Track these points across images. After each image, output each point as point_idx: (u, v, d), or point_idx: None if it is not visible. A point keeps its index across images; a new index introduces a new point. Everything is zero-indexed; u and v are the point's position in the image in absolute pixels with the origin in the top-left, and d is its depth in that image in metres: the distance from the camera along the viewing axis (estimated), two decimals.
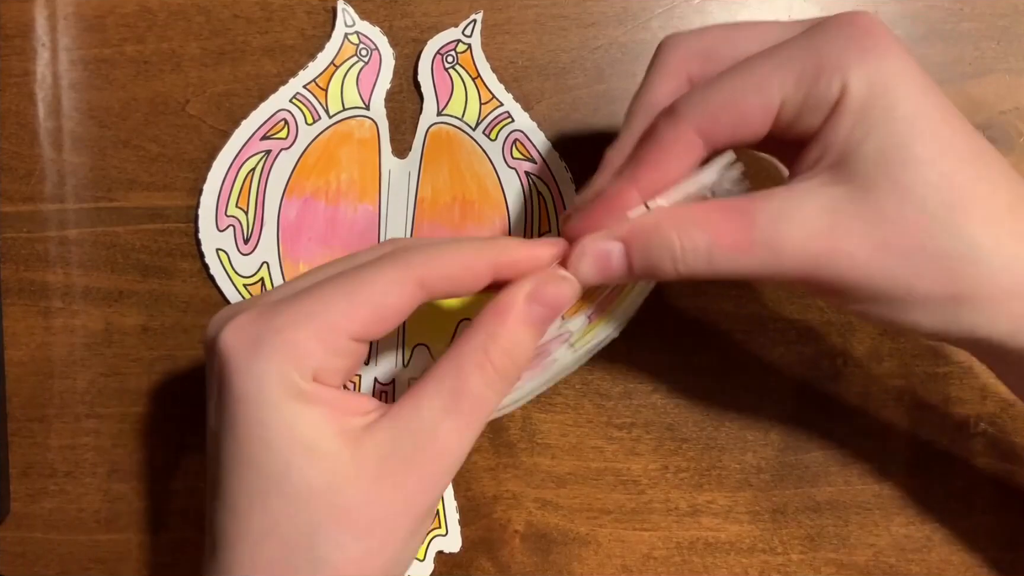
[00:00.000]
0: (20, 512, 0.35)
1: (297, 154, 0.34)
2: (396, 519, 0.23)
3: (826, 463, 0.34)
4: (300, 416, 0.22)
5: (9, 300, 0.34)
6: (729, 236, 0.23)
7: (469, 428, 0.23)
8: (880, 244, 0.23)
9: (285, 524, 0.22)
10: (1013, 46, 0.34)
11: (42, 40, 0.34)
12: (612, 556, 0.34)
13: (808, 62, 0.23)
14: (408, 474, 0.23)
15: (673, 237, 0.24)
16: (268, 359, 0.22)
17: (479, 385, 0.23)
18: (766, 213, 0.23)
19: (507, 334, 0.24)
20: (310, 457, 0.22)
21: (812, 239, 0.23)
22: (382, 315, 0.23)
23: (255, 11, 0.34)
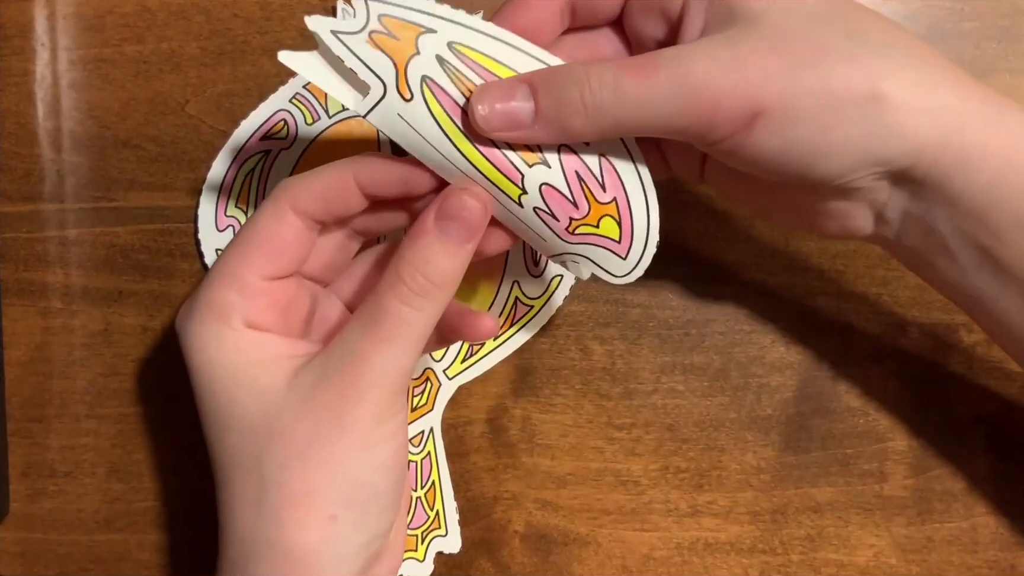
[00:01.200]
0: (20, 512, 0.35)
1: (297, 154, 0.34)
2: (329, 433, 0.24)
3: (826, 463, 0.34)
4: (238, 362, 0.25)
5: (9, 300, 0.34)
6: (635, 66, 0.24)
7: (389, 343, 0.24)
8: (788, 56, 0.23)
9: (239, 456, 0.25)
10: (1014, 46, 0.34)
11: (42, 40, 0.34)
12: (612, 557, 0.34)
13: None
14: (332, 390, 0.24)
15: (579, 68, 0.24)
16: (199, 322, 0.25)
17: (393, 303, 0.24)
18: (668, 51, 0.24)
19: (416, 251, 0.24)
20: (251, 392, 0.25)
21: (719, 61, 0.23)
22: (275, 247, 0.25)
23: (255, 11, 0.34)
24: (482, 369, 0.34)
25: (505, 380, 0.34)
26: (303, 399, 0.24)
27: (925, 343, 0.34)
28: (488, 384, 0.34)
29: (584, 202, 0.26)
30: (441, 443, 0.34)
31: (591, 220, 0.26)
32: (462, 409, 0.34)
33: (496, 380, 0.34)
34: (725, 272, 0.34)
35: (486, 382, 0.34)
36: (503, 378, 0.34)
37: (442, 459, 0.34)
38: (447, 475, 0.34)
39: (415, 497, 0.34)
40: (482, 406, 0.34)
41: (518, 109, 0.24)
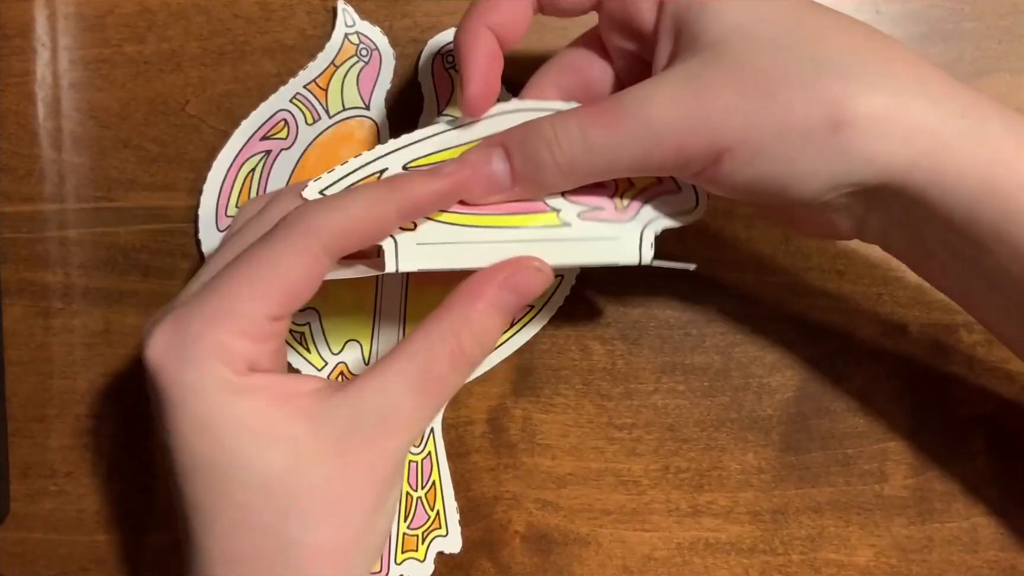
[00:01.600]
0: (20, 512, 0.35)
1: (297, 154, 0.34)
2: (362, 492, 0.23)
3: (826, 463, 0.34)
4: (245, 410, 0.22)
5: (9, 300, 0.34)
6: (600, 115, 0.24)
7: (431, 408, 0.24)
8: (748, 89, 0.22)
9: (252, 514, 0.22)
10: (1014, 46, 0.34)
11: (42, 40, 0.34)
12: (613, 557, 0.34)
13: None
14: (371, 449, 0.23)
15: (546, 127, 0.24)
16: (198, 367, 0.22)
17: (447, 370, 0.23)
18: (631, 93, 0.24)
19: (479, 319, 0.24)
20: (266, 444, 0.22)
21: (680, 101, 0.23)
22: (294, 290, 0.23)
23: (255, 11, 0.34)
24: (482, 369, 0.34)
25: (505, 380, 0.34)
26: (337, 454, 0.22)
27: (925, 343, 0.34)
28: (488, 384, 0.34)
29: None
30: (441, 443, 0.34)
31: (624, 186, 0.27)
32: (462, 409, 0.34)
33: (496, 380, 0.34)
34: (725, 272, 0.34)
35: (486, 382, 0.34)
36: (503, 378, 0.34)
37: (442, 459, 0.34)
38: (447, 475, 0.34)
39: (415, 497, 0.34)
40: (482, 406, 0.34)
41: (496, 173, 0.25)
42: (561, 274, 0.34)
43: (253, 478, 0.22)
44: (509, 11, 0.26)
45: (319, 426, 0.22)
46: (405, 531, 0.33)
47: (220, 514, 0.22)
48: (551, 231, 0.26)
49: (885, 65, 0.22)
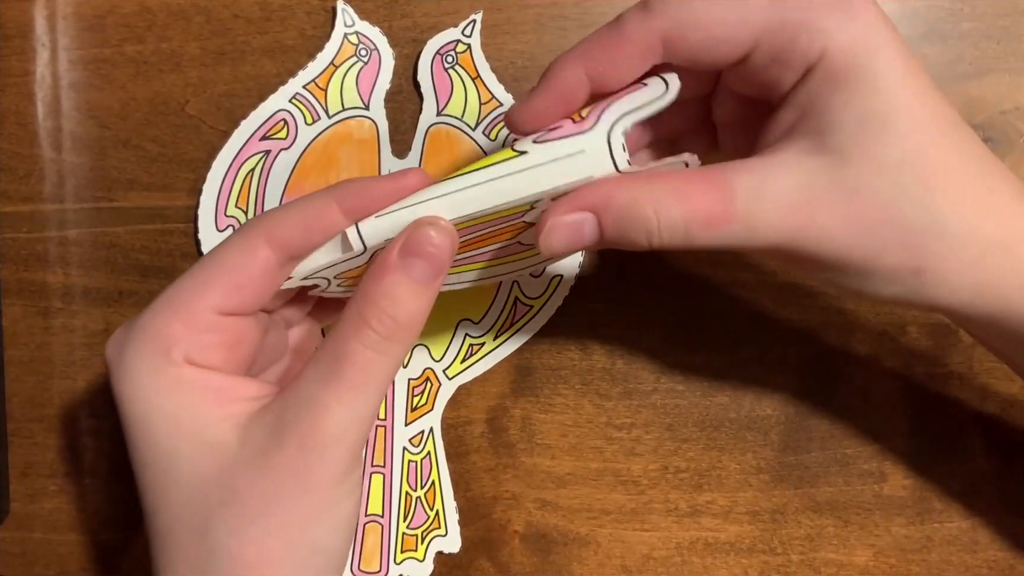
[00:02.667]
0: (20, 512, 0.35)
1: (297, 154, 0.34)
2: (290, 494, 0.22)
3: (826, 463, 0.34)
4: (181, 405, 0.22)
5: (9, 300, 0.34)
6: (707, 211, 0.23)
7: (353, 393, 0.22)
8: (852, 218, 0.23)
9: (184, 514, 0.22)
10: (1013, 46, 0.34)
11: (42, 40, 0.34)
12: (612, 556, 0.34)
13: (792, 12, 0.23)
14: (291, 447, 0.22)
15: (649, 212, 0.23)
16: (135, 353, 0.23)
17: (358, 349, 0.22)
18: (744, 188, 0.23)
19: (382, 292, 0.23)
20: (196, 444, 0.22)
21: (788, 214, 0.23)
22: (237, 282, 0.23)
23: (255, 11, 0.34)
24: (482, 369, 0.34)
25: (505, 380, 0.34)
26: (259, 456, 0.22)
27: (925, 343, 0.34)
28: (488, 384, 0.34)
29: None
30: (441, 443, 0.34)
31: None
32: (462, 409, 0.34)
33: (496, 380, 0.34)
34: (725, 272, 0.34)
35: (486, 382, 0.34)
36: (503, 378, 0.34)
37: (442, 459, 0.34)
38: (447, 475, 0.34)
39: (415, 497, 0.34)
40: (482, 406, 0.34)
41: (585, 236, 0.24)
42: (560, 274, 0.34)
43: (185, 478, 0.22)
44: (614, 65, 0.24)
45: (246, 433, 0.22)
46: (404, 531, 0.33)
47: (159, 512, 0.23)
48: (509, 164, 0.24)
49: (983, 217, 0.23)
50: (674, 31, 0.23)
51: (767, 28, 0.23)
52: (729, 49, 0.23)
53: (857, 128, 0.22)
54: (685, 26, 0.23)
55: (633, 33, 0.24)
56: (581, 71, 0.24)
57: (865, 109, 0.22)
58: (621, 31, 0.24)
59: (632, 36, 0.24)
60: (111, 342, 0.24)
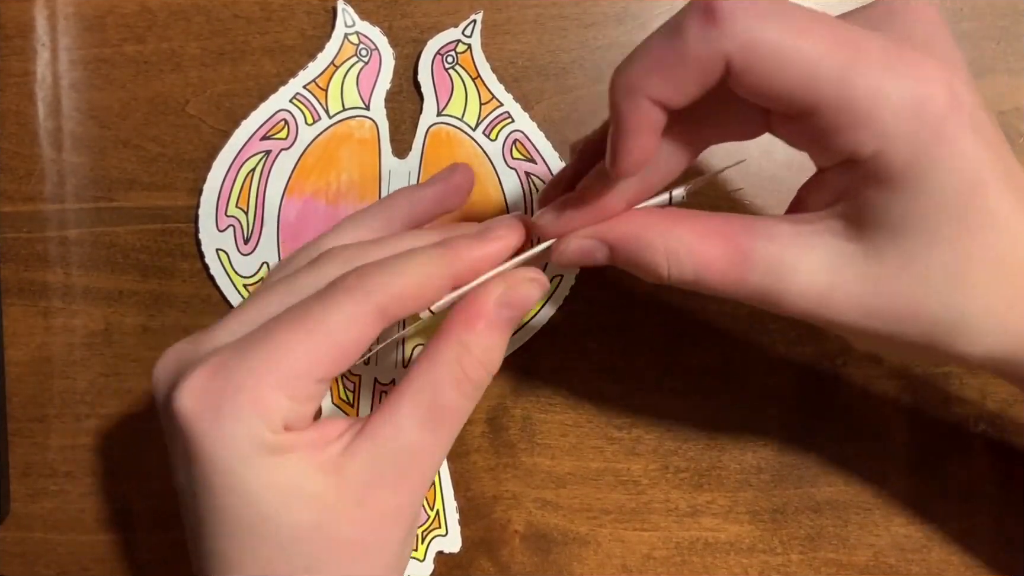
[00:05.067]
0: (20, 512, 0.35)
1: (297, 154, 0.34)
2: (388, 535, 0.23)
3: (826, 463, 0.34)
4: (277, 468, 0.22)
5: (9, 300, 0.34)
6: (720, 270, 0.23)
7: (447, 439, 0.23)
8: (872, 309, 0.22)
9: (279, 567, 0.22)
10: (1013, 46, 0.34)
11: (42, 40, 0.34)
12: (612, 556, 0.34)
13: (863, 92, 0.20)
14: (394, 493, 0.23)
15: (660, 258, 0.23)
16: (235, 421, 0.21)
17: (456, 398, 0.23)
18: (764, 258, 0.23)
19: (480, 343, 0.23)
20: (295, 500, 0.22)
21: (807, 293, 0.23)
22: (345, 352, 0.22)
23: (255, 11, 0.34)
24: None
25: (505, 380, 0.34)
26: (357, 503, 0.22)
27: None
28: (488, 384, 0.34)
29: None
30: None
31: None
32: None
33: (496, 380, 0.34)
34: None
35: None
36: (503, 378, 0.34)
37: None
38: (447, 475, 0.34)
39: None
40: (482, 406, 0.34)
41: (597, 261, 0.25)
42: (561, 273, 0.34)
43: (280, 533, 0.22)
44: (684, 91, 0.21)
45: (341, 479, 0.22)
46: None
47: (242, 566, 0.22)
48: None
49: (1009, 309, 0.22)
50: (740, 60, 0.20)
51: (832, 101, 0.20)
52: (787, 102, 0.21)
53: (898, 230, 0.21)
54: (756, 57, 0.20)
55: (695, 52, 0.20)
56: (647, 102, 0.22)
57: (911, 214, 0.21)
58: (683, 49, 0.21)
59: (694, 56, 0.20)
60: (187, 393, 0.22)
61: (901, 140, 0.20)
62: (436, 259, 0.23)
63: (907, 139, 0.20)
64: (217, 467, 0.21)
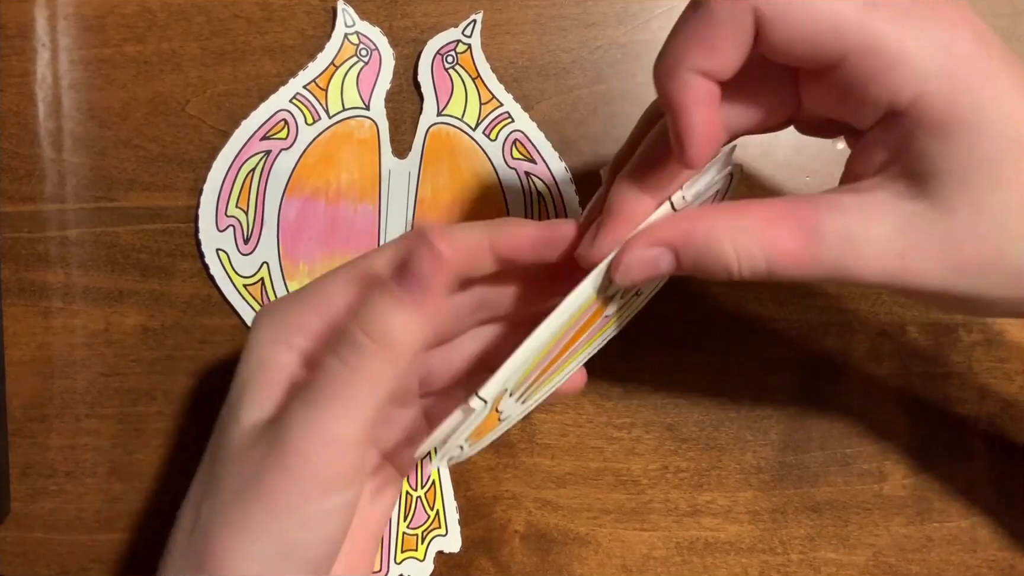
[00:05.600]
0: (20, 512, 0.35)
1: (297, 154, 0.34)
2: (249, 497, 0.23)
3: (826, 463, 0.34)
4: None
5: (9, 300, 0.34)
6: (793, 253, 0.22)
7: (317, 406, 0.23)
8: (956, 263, 0.22)
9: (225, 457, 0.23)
10: (1014, 46, 0.33)
11: (42, 40, 0.34)
12: (612, 556, 0.34)
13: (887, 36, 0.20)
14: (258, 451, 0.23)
15: (728, 250, 0.22)
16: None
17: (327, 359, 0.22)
18: (834, 231, 0.22)
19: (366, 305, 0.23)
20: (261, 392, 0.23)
21: (884, 259, 0.22)
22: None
23: (255, 11, 0.34)
24: None
25: None
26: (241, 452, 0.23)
27: (925, 343, 0.34)
28: None
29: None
30: None
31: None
32: None
33: None
34: None
35: None
36: None
37: None
38: (447, 475, 0.34)
39: (415, 497, 0.34)
40: None
41: (662, 271, 0.23)
42: None
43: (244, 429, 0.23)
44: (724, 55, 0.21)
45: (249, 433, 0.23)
46: (405, 531, 0.33)
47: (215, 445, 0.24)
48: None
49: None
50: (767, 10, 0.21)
51: (860, 46, 0.21)
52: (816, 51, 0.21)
53: (960, 177, 0.21)
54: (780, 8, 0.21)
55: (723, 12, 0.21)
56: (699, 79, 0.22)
57: (969, 158, 0.21)
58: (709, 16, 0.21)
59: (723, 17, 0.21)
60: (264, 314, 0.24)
61: (938, 81, 0.20)
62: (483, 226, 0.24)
63: (944, 79, 0.20)
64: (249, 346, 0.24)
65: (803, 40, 0.21)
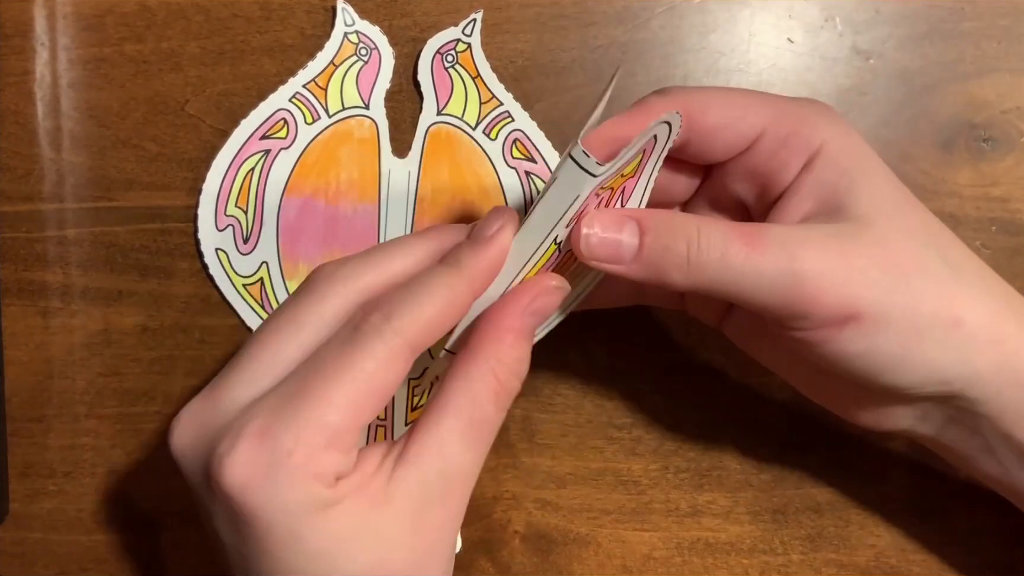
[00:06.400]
0: (19, 512, 0.35)
1: (297, 154, 0.34)
2: (440, 551, 0.23)
3: (826, 463, 0.34)
4: (334, 518, 0.21)
5: (8, 300, 0.34)
6: (746, 236, 0.24)
7: (485, 450, 0.24)
8: (889, 267, 0.24)
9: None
10: (1014, 46, 0.34)
11: (41, 39, 0.34)
12: (612, 556, 0.34)
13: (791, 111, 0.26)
14: (443, 511, 0.23)
15: (691, 224, 0.24)
16: (290, 487, 0.21)
17: (494, 411, 0.24)
18: (782, 228, 0.24)
19: (512, 354, 0.24)
20: (354, 544, 0.22)
21: (827, 254, 0.24)
22: (385, 394, 0.22)
23: (254, 11, 0.34)
24: None
25: None
26: (414, 530, 0.22)
27: None
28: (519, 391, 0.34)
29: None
30: None
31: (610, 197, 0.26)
32: None
33: None
34: None
35: None
36: None
37: None
38: None
39: None
40: None
41: (623, 245, 0.24)
42: None
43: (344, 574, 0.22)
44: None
45: (394, 509, 0.22)
46: None
47: None
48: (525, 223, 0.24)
49: (990, 281, 0.26)
50: (696, 106, 0.25)
51: (772, 117, 0.26)
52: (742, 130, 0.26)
53: (874, 203, 0.25)
54: (706, 103, 0.26)
55: (657, 106, 0.26)
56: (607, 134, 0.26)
57: (874, 188, 0.25)
58: (647, 107, 0.26)
59: (656, 110, 0.25)
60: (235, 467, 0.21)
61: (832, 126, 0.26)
62: (453, 281, 0.23)
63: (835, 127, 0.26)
64: (275, 532, 0.21)
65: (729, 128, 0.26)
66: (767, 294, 0.24)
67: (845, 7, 0.34)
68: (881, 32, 0.34)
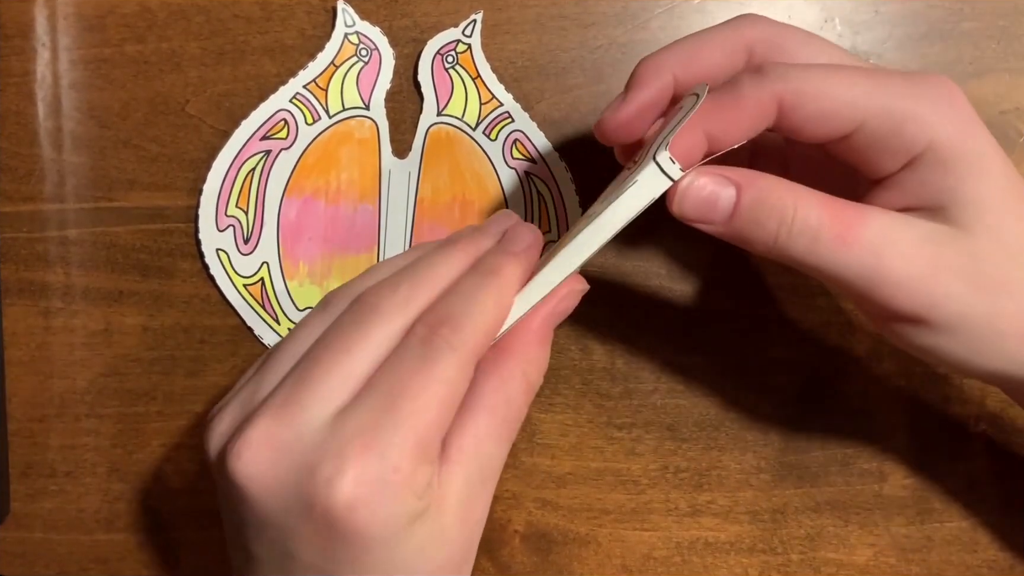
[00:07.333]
0: (20, 512, 0.35)
1: (297, 154, 0.34)
2: (477, 537, 0.25)
3: (826, 463, 0.34)
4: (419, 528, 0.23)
5: (9, 300, 0.34)
6: (841, 225, 0.24)
7: (512, 441, 0.25)
8: (975, 279, 0.24)
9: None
10: (1013, 46, 0.34)
11: (42, 40, 0.34)
12: (612, 556, 0.34)
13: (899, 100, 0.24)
14: (481, 502, 0.24)
15: (789, 202, 0.24)
16: (394, 502, 0.22)
17: (524, 407, 0.25)
18: (879, 221, 0.24)
19: (540, 355, 0.25)
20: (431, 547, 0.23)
21: (916, 260, 0.24)
22: (458, 403, 0.24)
23: (255, 11, 0.34)
24: None
25: None
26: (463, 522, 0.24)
27: None
28: None
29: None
30: None
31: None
32: None
33: None
34: (726, 272, 0.34)
35: None
36: None
37: None
38: None
39: None
40: None
41: (720, 204, 0.24)
42: None
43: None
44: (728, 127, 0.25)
45: (449, 508, 0.23)
46: None
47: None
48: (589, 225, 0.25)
49: None
50: (790, 97, 0.24)
51: (875, 113, 0.24)
52: (837, 124, 0.24)
53: (977, 210, 0.24)
54: (802, 94, 0.24)
55: (749, 96, 0.24)
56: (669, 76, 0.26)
57: (980, 192, 0.24)
58: (737, 94, 0.24)
59: (748, 99, 0.24)
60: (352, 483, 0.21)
61: (945, 128, 0.24)
62: (502, 291, 0.25)
63: (950, 126, 0.24)
64: (373, 548, 0.22)
65: (823, 121, 0.24)
66: (845, 281, 0.24)
67: (845, 8, 0.34)
68: (880, 32, 0.34)
